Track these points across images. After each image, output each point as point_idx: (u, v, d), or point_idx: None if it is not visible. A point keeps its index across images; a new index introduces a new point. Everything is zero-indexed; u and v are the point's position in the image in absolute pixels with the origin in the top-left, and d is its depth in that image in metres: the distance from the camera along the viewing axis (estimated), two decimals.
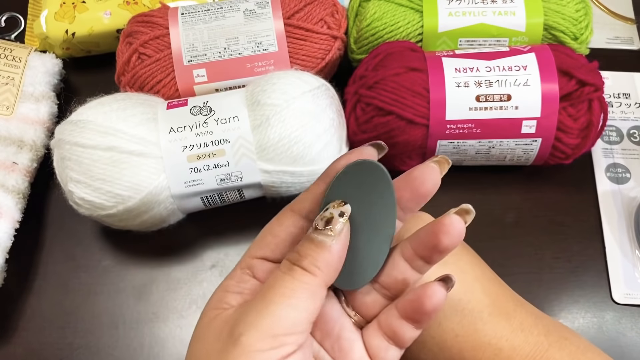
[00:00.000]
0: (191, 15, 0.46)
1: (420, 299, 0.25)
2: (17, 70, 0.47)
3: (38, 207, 0.47)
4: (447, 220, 0.24)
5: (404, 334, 0.26)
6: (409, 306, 0.25)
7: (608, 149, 0.49)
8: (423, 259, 0.25)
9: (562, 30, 0.46)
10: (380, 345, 0.26)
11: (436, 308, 0.25)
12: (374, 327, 0.27)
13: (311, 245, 0.23)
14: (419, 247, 0.25)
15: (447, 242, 0.24)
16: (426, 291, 0.25)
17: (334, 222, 0.23)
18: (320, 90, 0.41)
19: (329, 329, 0.27)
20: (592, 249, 0.45)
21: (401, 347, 0.26)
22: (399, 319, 0.26)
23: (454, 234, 0.24)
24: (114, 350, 0.42)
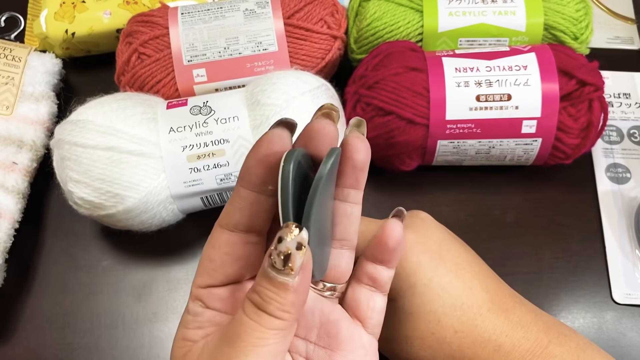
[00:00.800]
0: (191, 15, 0.46)
1: (382, 241, 0.26)
2: (17, 70, 0.47)
3: (38, 207, 0.47)
4: (350, 141, 0.24)
5: (382, 276, 0.27)
6: (376, 251, 0.27)
7: (608, 149, 0.49)
8: (352, 187, 0.25)
9: (562, 30, 0.46)
10: (365, 295, 0.27)
11: (399, 243, 0.26)
12: (354, 284, 0.27)
13: (271, 286, 0.21)
14: (343, 179, 0.25)
15: (360, 157, 0.24)
16: (385, 231, 0.26)
17: (292, 259, 0.21)
18: (320, 90, 0.41)
19: (308, 323, 0.26)
20: (592, 249, 0.45)
21: (383, 290, 0.27)
22: (372, 265, 0.27)
23: (362, 148, 0.24)
24: (113, 350, 0.42)
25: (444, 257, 0.33)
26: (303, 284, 0.22)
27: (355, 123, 0.25)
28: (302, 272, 0.21)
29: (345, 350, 0.26)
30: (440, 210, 0.47)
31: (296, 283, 0.21)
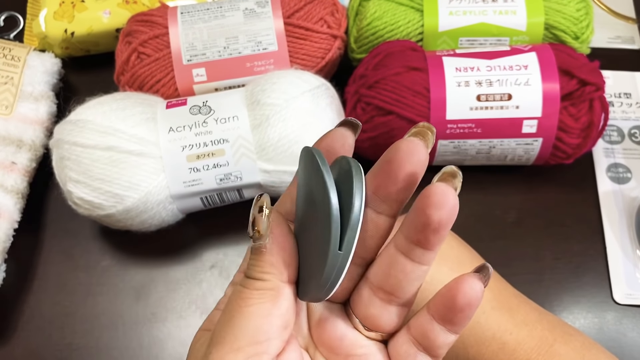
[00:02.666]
0: (191, 14, 0.46)
1: (451, 294, 0.21)
2: (16, 69, 0.47)
3: (37, 207, 0.47)
4: (431, 190, 0.19)
5: (436, 337, 0.22)
6: (440, 303, 0.21)
7: (609, 149, 0.49)
8: (419, 245, 0.21)
9: (563, 29, 0.46)
10: (409, 352, 0.22)
11: (471, 303, 0.21)
12: (403, 332, 0.23)
13: (252, 254, 0.22)
14: (410, 232, 0.21)
15: (437, 215, 0.19)
16: (458, 284, 0.21)
17: (257, 222, 0.21)
18: (321, 90, 0.41)
19: (333, 348, 0.24)
20: (593, 249, 0.45)
21: (433, 355, 0.22)
22: (430, 320, 0.22)
23: (444, 204, 0.19)
24: (112, 350, 0.42)
25: (446, 255, 0.33)
26: (277, 242, 0.22)
27: (449, 172, 0.20)
28: (272, 233, 0.22)
29: None
30: None
31: (268, 243, 0.22)
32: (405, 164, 0.20)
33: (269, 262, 0.22)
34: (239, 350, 0.21)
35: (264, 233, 0.21)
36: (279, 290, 0.22)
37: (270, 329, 0.21)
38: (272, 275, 0.22)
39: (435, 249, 0.21)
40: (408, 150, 0.20)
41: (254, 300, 0.21)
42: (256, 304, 0.21)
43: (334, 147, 0.23)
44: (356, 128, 0.23)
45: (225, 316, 0.22)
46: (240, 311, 0.21)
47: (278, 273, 0.22)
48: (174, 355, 0.42)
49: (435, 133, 0.21)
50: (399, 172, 0.20)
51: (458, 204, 0.20)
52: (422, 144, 0.20)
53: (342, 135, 0.23)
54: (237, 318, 0.21)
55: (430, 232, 0.20)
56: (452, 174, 0.20)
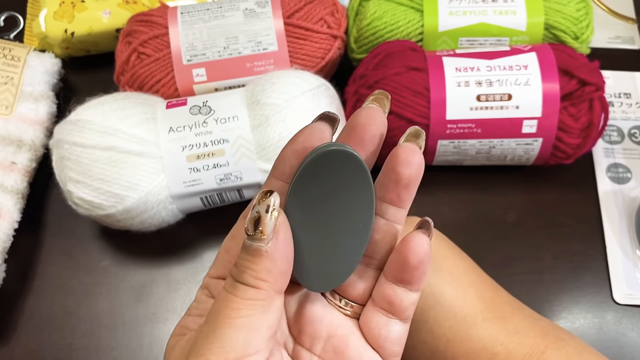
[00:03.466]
0: (191, 14, 0.46)
1: (403, 255, 0.22)
2: (16, 69, 0.47)
3: (37, 207, 0.47)
4: (399, 150, 0.22)
5: (401, 300, 0.23)
6: (394, 267, 0.23)
7: (609, 149, 0.49)
8: (392, 203, 0.23)
9: (563, 29, 0.46)
10: (380, 321, 0.23)
11: (423, 260, 0.22)
12: (369, 306, 0.24)
13: (246, 255, 0.21)
14: (383, 193, 0.22)
15: (407, 172, 0.21)
16: (407, 245, 0.22)
17: (262, 222, 0.20)
18: (320, 90, 0.41)
19: (314, 332, 0.24)
20: (592, 249, 0.45)
21: (402, 317, 0.23)
22: (391, 286, 0.23)
23: (412, 161, 0.21)
24: (113, 350, 0.42)
25: (440, 266, 0.33)
26: (279, 249, 0.20)
27: (413, 132, 0.22)
28: (276, 237, 0.20)
29: None
30: (441, 210, 0.47)
31: (270, 248, 0.20)
32: (370, 127, 0.22)
33: (266, 268, 0.20)
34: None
35: (268, 235, 0.20)
36: (271, 300, 0.21)
37: (260, 341, 0.20)
38: (267, 284, 0.21)
39: (406, 206, 0.23)
40: (369, 115, 0.22)
41: (245, 312, 0.20)
42: (247, 315, 0.20)
43: (311, 143, 0.22)
44: (334, 122, 0.23)
45: (210, 325, 0.21)
46: (229, 322, 0.20)
47: (273, 282, 0.21)
48: None
49: (390, 98, 0.23)
50: (365, 135, 0.22)
51: (424, 162, 0.22)
52: (379, 109, 0.22)
53: (319, 130, 0.22)
54: (224, 329, 0.20)
55: (401, 189, 0.22)
56: (416, 134, 0.22)
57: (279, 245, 0.20)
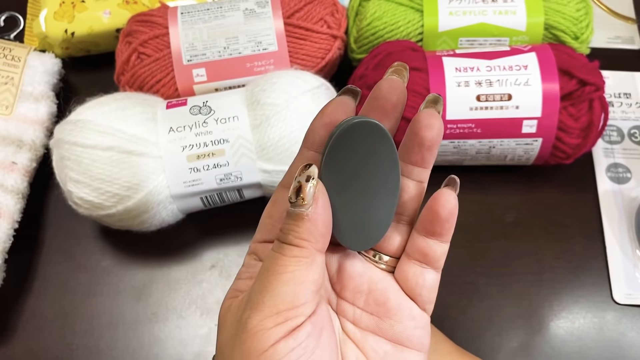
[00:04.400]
0: (191, 14, 0.46)
1: (434, 210, 0.25)
2: (16, 69, 0.47)
3: (37, 207, 0.47)
4: (421, 116, 0.24)
5: (435, 251, 0.25)
6: (427, 222, 0.25)
7: (609, 149, 0.49)
8: (417, 164, 0.25)
9: (562, 29, 0.46)
10: (415, 272, 0.26)
11: (452, 212, 0.25)
12: (404, 260, 0.26)
13: (290, 220, 0.23)
14: (408, 154, 0.25)
15: (430, 135, 0.24)
16: (437, 200, 0.25)
17: (302, 190, 0.23)
18: (320, 90, 0.41)
19: (356, 287, 0.26)
20: (592, 249, 0.45)
21: (435, 266, 0.26)
22: (424, 238, 0.25)
23: (433, 125, 0.24)
24: (113, 350, 0.42)
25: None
26: (318, 213, 0.23)
27: (431, 99, 0.25)
28: (315, 202, 0.23)
29: (393, 319, 0.26)
30: None
31: (310, 212, 0.23)
32: (392, 97, 0.24)
33: (307, 230, 0.23)
34: (279, 315, 0.22)
35: (308, 201, 0.23)
36: (314, 258, 0.23)
37: (306, 294, 0.23)
38: (309, 244, 0.23)
39: (429, 166, 0.26)
40: (390, 85, 0.24)
41: (291, 267, 0.23)
42: (293, 270, 0.23)
43: (338, 115, 0.25)
44: (357, 95, 0.25)
45: (261, 282, 0.23)
46: (278, 277, 0.23)
47: (314, 242, 0.23)
48: (174, 355, 0.42)
49: (409, 69, 0.26)
50: (387, 104, 0.24)
51: (443, 125, 0.24)
52: (399, 80, 0.24)
53: (344, 103, 0.25)
54: (275, 284, 0.23)
55: (425, 150, 0.25)
56: (435, 100, 0.25)
57: (319, 209, 0.23)
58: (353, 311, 0.26)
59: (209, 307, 0.44)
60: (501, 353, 0.42)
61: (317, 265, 0.23)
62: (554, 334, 0.42)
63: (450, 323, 0.43)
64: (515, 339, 0.42)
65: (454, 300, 0.44)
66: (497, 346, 0.42)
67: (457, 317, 0.43)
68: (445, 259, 0.26)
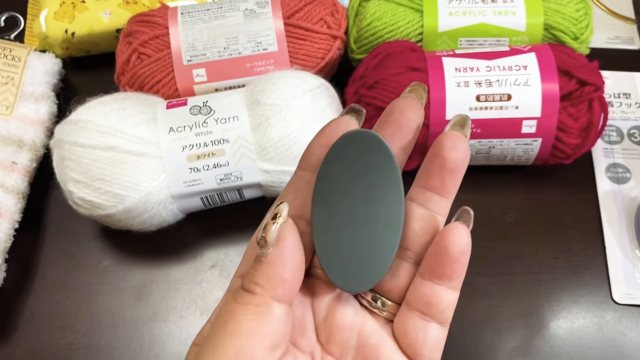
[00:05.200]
0: (191, 14, 0.46)
1: (443, 246, 0.21)
2: (17, 70, 0.47)
3: (37, 207, 0.47)
4: (445, 136, 0.21)
5: (440, 300, 0.21)
6: (433, 262, 0.21)
7: (608, 149, 0.49)
8: (436, 191, 0.22)
9: (562, 29, 0.46)
10: (416, 325, 0.22)
11: (464, 251, 0.21)
12: (404, 310, 0.22)
13: (254, 262, 0.21)
14: (427, 180, 0.21)
15: (453, 156, 0.21)
16: (446, 236, 0.21)
17: (266, 230, 0.20)
18: (320, 90, 0.41)
19: (344, 340, 0.22)
20: (592, 249, 0.45)
21: (440, 320, 0.22)
22: (429, 285, 0.21)
23: (459, 146, 0.21)
24: (113, 350, 0.42)
25: None
26: (279, 256, 0.20)
27: (459, 121, 0.21)
28: (278, 244, 0.20)
29: None
30: None
31: (270, 254, 0.20)
32: (408, 113, 0.22)
33: (264, 274, 0.20)
34: None
35: (270, 242, 0.20)
36: (267, 307, 0.20)
37: (255, 350, 0.19)
38: (263, 290, 0.20)
39: (450, 196, 0.22)
40: (406, 102, 0.22)
41: (238, 317, 0.20)
42: (240, 320, 0.20)
43: (338, 134, 0.22)
44: (360, 114, 0.23)
45: (210, 331, 0.20)
46: (224, 328, 0.20)
47: (269, 288, 0.20)
48: (174, 354, 0.42)
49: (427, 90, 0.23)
50: (402, 120, 0.22)
51: (469, 152, 0.21)
52: (417, 99, 0.22)
53: (345, 122, 0.22)
54: (219, 336, 0.20)
55: (446, 174, 0.21)
56: (462, 123, 0.21)
57: (280, 251, 0.20)
58: None
59: (209, 306, 0.44)
60: (501, 353, 0.42)
61: (273, 317, 0.20)
62: (554, 334, 0.42)
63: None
64: (514, 339, 0.42)
65: None
66: (497, 346, 0.42)
67: (457, 317, 0.43)
68: (453, 311, 0.22)
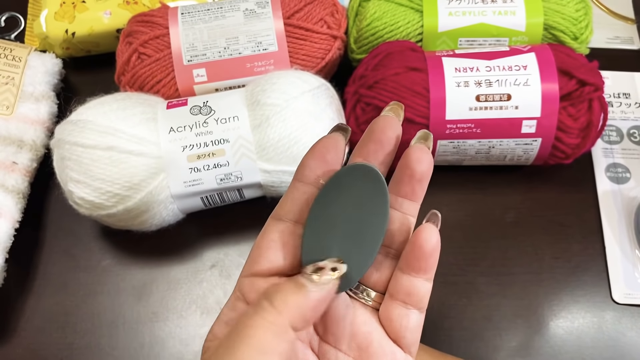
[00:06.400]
0: (191, 15, 0.46)
1: (418, 244, 0.24)
2: (17, 70, 0.47)
3: (38, 207, 0.47)
4: (412, 150, 0.25)
5: (418, 290, 0.25)
6: (410, 258, 0.25)
7: (608, 149, 0.49)
8: (406, 197, 0.25)
9: (562, 29, 0.46)
10: (400, 313, 0.25)
11: (435, 248, 0.25)
12: (388, 301, 0.26)
13: (291, 284, 0.23)
14: (399, 187, 0.25)
15: (420, 168, 0.24)
16: (420, 235, 0.24)
17: (323, 272, 0.23)
18: (320, 90, 0.41)
19: (339, 331, 0.26)
20: (592, 249, 0.45)
21: (419, 307, 0.26)
22: (407, 277, 0.25)
23: (424, 159, 0.24)
24: (113, 350, 0.42)
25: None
26: (318, 296, 0.23)
27: (421, 136, 0.26)
28: (323, 287, 0.23)
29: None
30: (440, 210, 0.46)
31: (313, 291, 0.23)
32: (387, 131, 0.25)
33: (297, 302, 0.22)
34: None
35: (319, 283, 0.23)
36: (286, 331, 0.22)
37: None
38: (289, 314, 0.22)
39: (419, 200, 0.26)
40: (385, 121, 0.25)
41: (261, 333, 0.22)
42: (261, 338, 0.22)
43: (328, 150, 0.25)
44: (346, 132, 0.26)
45: (227, 343, 0.22)
46: (244, 343, 0.22)
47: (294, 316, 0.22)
48: (175, 354, 0.42)
49: (404, 109, 0.27)
50: (383, 137, 0.25)
51: (432, 161, 0.25)
52: (395, 117, 0.26)
53: (334, 139, 0.25)
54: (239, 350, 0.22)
55: (415, 183, 0.25)
56: (425, 137, 0.26)
57: (320, 295, 0.23)
58: (336, 355, 0.26)
59: (209, 306, 0.44)
60: (501, 353, 0.42)
61: (286, 339, 0.22)
62: (554, 334, 0.42)
63: (450, 323, 0.43)
64: (514, 339, 0.42)
65: (454, 300, 0.44)
66: (497, 346, 0.42)
67: (457, 316, 0.43)
68: (428, 298, 0.26)
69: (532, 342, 0.42)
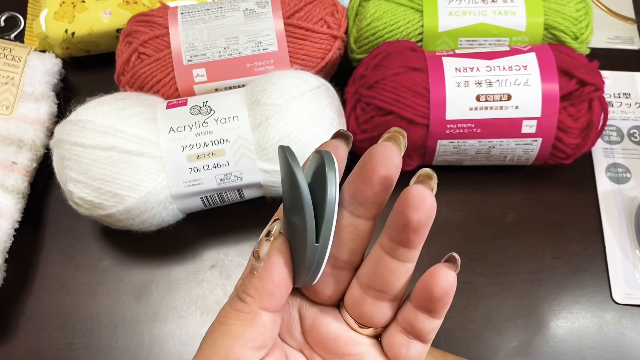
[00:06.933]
0: (191, 14, 0.46)
1: (428, 286, 0.22)
2: (17, 69, 0.47)
3: (37, 207, 0.47)
4: (409, 193, 0.20)
5: (423, 326, 0.23)
6: (419, 296, 0.23)
7: (608, 149, 0.49)
8: (402, 244, 0.22)
9: (562, 29, 0.46)
10: (401, 341, 0.24)
11: (447, 292, 0.22)
12: (393, 325, 0.24)
13: (246, 270, 0.24)
14: (393, 233, 0.22)
15: (417, 217, 0.20)
16: (433, 278, 0.22)
17: (259, 245, 0.23)
18: (320, 90, 0.41)
19: (330, 349, 0.25)
20: (592, 249, 0.45)
21: (423, 340, 0.24)
22: (414, 311, 0.23)
23: (422, 206, 0.20)
24: (113, 350, 0.42)
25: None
26: (267, 270, 0.22)
27: (425, 174, 0.22)
28: (268, 259, 0.22)
29: None
30: (440, 210, 0.46)
31: (260, 268, 0.23)
32: (379, 168, 0.21)
33: (253, 285, 0.23)
34: None
35: (261, 257, 0.23)
36: (255, 315, 0.23)
37: (241, 350, 0.23)
38: (252, 300, 0.23)
39: (417, 247, 0.22)
40: (382, 154, 0.21)
41: (231, 320, 0.23)
42: (231, 324, 0.23)
43: None
44: (348, 139, 0.24)
45: (209, 329, 0.24)
46: (218, 329, 0.23)
47: (258, 299, 0.23)
48: (174, 354, 0.42)
49: (407, 136, 0.23)
50: (373, 176, 0.21)
51: (435, 205, 0.21)
52: (395, 148, 0.21)
53: (335, 146, 0.23)
54: (213, 335, 0.23)
55: (410, 232, 0.21)
56: (428, 176, 0.22)
57: (269, 266, 0.22)
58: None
59: (209, 306, 0.44)
60: (501, 353, 0.42)
61: (260, 323, 0.23)
62: (554, 334, 0.42)
63: (449, 323, 0.43)
64: (514, 339, 0.42)
65: (453, 300, 0.43)
66: (497, 346, 0.42)
67: (457, 316, 0.43)
68: (435, 333, 0.24)
69: (532, 342, 0.42)
